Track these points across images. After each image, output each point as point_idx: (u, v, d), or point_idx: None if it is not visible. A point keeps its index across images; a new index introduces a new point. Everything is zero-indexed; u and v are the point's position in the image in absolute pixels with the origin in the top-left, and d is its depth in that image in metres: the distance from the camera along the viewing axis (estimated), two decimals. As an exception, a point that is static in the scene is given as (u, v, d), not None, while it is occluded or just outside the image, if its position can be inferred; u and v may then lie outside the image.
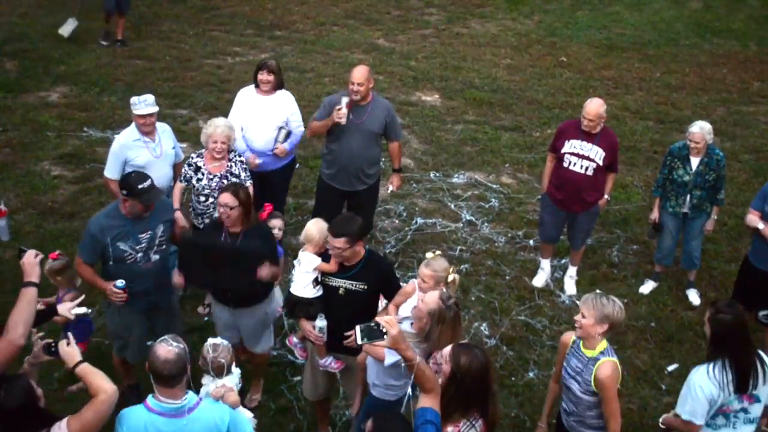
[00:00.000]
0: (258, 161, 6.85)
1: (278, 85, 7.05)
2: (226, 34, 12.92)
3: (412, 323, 4.59)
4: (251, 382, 6.00)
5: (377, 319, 3.67)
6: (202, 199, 6.30)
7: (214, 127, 6.25)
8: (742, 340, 4.44)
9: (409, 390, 4.26)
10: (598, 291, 4.52)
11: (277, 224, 6.02)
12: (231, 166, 6.33)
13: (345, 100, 6.67)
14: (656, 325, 7.00)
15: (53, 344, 4.16)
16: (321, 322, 5.03)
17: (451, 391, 3.81)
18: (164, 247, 5.51)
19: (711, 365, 4.41)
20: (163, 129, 6.54)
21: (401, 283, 5.22)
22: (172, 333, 5.87)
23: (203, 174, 6.28)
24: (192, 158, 6.36)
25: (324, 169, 7.04)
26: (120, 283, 5.33)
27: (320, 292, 5.12)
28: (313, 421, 5.87)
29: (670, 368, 6.53)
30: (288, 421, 5.91)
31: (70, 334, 4.12)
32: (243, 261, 5.36)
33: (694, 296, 7.28)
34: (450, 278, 4.76)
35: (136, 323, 5.58)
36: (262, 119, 6.93)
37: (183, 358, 3.85)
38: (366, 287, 4.99)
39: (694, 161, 6.82)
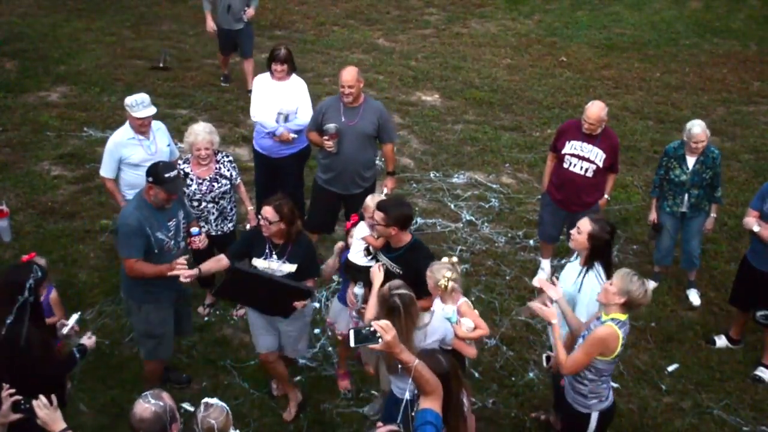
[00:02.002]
0: (293, 136, 7.15)
1: (291, 71, 7.28)
2: (226, 34, 12.90)
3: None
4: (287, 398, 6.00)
5: (373, 323, 3.67)
6: (195, 204, 6.31)
7: (194, 135, 6.22)
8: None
9: (408, 394, 4.28)
10: (636, 273, 4.67)
11: (358, 234, 5.64)
12: (219, 168, 6.34)
13: (332, 128, 6.61)
14: (656, 325, 7.00)
15: (22, 402, 4.05)
16: (358, 290, 5.31)
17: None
18: (185, 233, 5.58)
19: (595, 272, 5.09)
20: (158, 127, 6.53)
21: None
22: (190, 327, 6.02)
23: (192, 180, 6.29)
24: (179, 164, 6.35)
25: (320, 174, 6.98)
26: (195, 229, 5.45)
27: (372, 263, 5.28)
28: (314, 420, 5.87)
29: (670, 368, 6.53)
30: (288, 420, 5.91)
31: (54, 397, 3.99)
32: (289, 295, 5.35)
33: (694, 296, 7.28)
34: (440, 284, 4.92)
35: (169, 316, 5.61)
36: (275, 104, 7.13)
37: (161, 417, 3.64)
38: (401, 272, 5.11)
39: (690, 160, 6.82)
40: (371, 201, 5.53)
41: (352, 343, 3.71)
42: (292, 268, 5.38)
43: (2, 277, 4.66)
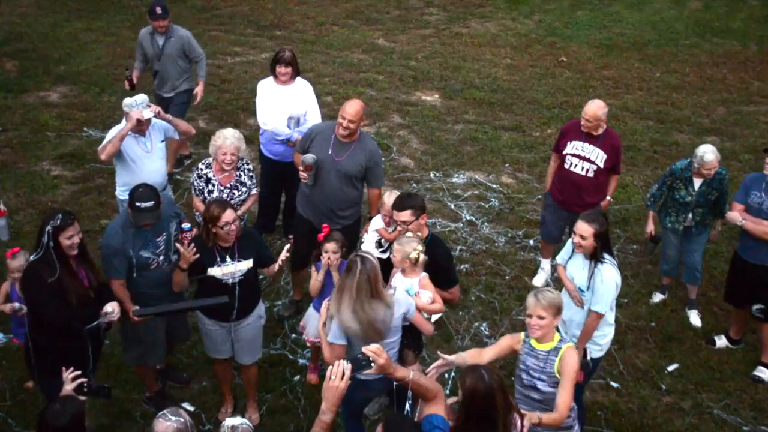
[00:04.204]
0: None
1: (295, 74, 7.17)
2: (226, 34, 12.92)
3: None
4: (245, 400, 5.96)
5: (363, 349, 3.67)
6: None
7: (223, 139, 6.20)
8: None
9: (407, 406, 4.31)
10: (533, 291, 4.68)
11: (330, 248, 5.57)
12: (240, 175, 6.33)
13: (309, 159, 6.13)
14: (656, 325, 7.00)
15: (85, 384, 4.22)
16: None
17: (463, 414, 3.81)
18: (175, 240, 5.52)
19: (608, 262, 5.21)
20: (152, 123, 6.47)
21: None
22: (187, 332, 6.01)
23: (214, 185, 6.27)
24: (201, 169, 6.33)
25: (299, 201, 6.59)
26: (186, 225, 5.44)
27: (384, 256, 5.38)
28: (314, 419, 5.85)
29: (670, 368, 6.53)
30: (288, 421, 5.91)
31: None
32: (203, 312, 5.47)
33: (695, 318, 7.10)
34: (411, 256, 5.11)
35: (159, 323, 5.56)
36: (283, 109, 7.04)
37: None
38: None
39: (697, 182, 6.68)
40: (387, 199, 5.68)
41: (347, 375, 3.66)
42: (249, 263, 5.34)
43: None
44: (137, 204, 5.15)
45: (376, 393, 4.94)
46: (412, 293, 5.11)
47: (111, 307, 5.03)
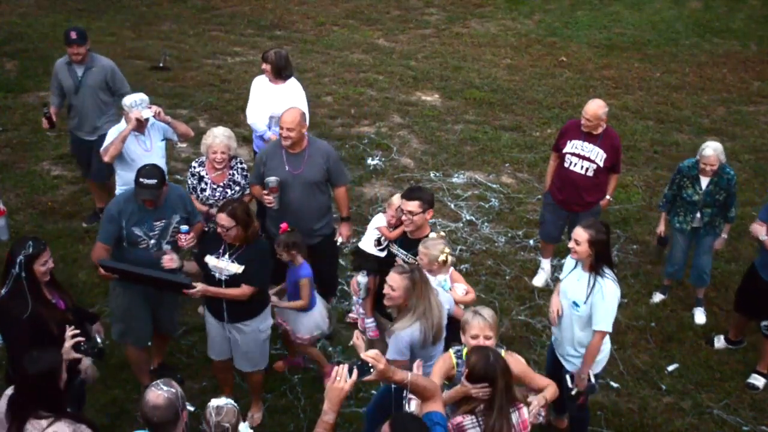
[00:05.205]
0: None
1: (277, 73, 7.16)
2: (226, 34, 12.93)
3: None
4: (249, 398, 5.95)
5: (362, 356, 3.70)
6: (207, 207, 6.28)
7: (213, 137, 6.20)
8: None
9: (407, 406, 4.34)
10: (472, 310, 4.63)
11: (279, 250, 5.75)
12: (233, 174, 6.32)
13: (273, 181, 6.01)
14: (656, 325, 7.00)
15: (82, 344, 4.28)
16: (362, 278, 5.35)
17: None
18: (174, 237, 5.56)
19: (608, 276, 5.07)
20: (152, 123, 6.50)
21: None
22: (173, 326, 6.02)
23: (206, 184, 6.27)
24: (195, 168, 6.34)
25: (270, 226, 6.32)
26: (184, 227, 5.48)
27: (382, 254, 5.43)
28: (314, 420, 5.85)
29: (670, 368, 6.53)
30: (288, 420, 5.91)
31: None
32: (165, 287, 5.48)
33: (700, 316, 7.09)
34: (440, 259, 5.11)
35: (138, 307, 5.61)
36: (268, 107, 7.08)
37: (174, 403, 3.65)
38: (419, 264, 5.21)
39: (704, 181, 6.66)
40: (395, 198, 5.72)
41: (353, 377, 3.68)
42: (239, 269, 5.30)
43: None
44: (140, 179, 5.32)
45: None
46: (446, 288, 5.16)
47: (99, 339, 5.08)
